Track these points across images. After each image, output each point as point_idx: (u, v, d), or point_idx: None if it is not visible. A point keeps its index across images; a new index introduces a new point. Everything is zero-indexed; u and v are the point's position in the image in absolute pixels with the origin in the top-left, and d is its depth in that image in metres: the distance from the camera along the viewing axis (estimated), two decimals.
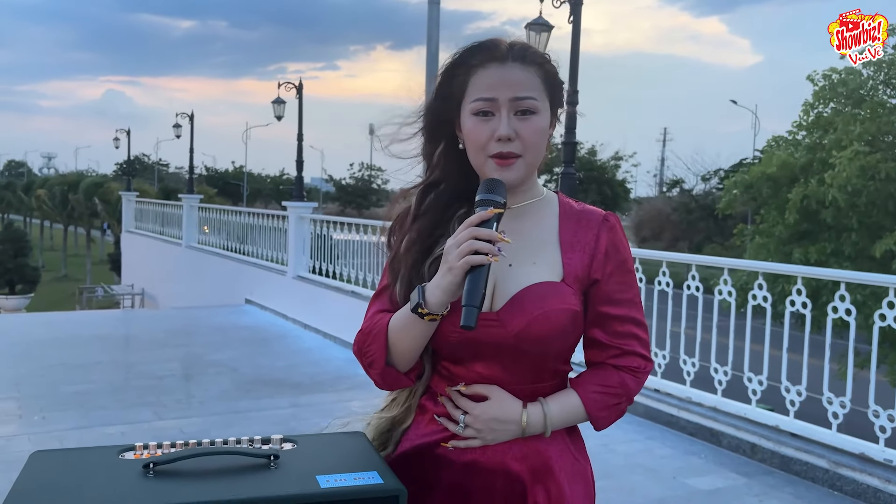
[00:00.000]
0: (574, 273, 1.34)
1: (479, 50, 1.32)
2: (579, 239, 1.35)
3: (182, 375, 7.57)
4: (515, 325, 1.28)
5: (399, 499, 1.23)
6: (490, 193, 1.27)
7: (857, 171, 12.76)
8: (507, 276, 1.32)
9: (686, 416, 5.04)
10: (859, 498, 3.99)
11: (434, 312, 1.25)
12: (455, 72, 1.34)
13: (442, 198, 1.39)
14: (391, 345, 1.32)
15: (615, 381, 1.37)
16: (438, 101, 1.37)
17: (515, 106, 1.30)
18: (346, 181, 59.89)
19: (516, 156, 1.30)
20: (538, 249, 1.35)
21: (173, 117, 21.83)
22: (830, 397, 4.37)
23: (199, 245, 14.63)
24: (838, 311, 4.38)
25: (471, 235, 1.21)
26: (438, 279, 1.24)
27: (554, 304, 1.29)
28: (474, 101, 1.31)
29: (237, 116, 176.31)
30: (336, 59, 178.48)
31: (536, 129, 1.31)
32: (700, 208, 37.84)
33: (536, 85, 1.32)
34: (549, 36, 7.76)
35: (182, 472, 1.24)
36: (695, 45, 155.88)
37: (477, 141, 1.31)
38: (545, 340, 1.29)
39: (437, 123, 1.38)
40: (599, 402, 1.36)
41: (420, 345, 1.32)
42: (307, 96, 13.19)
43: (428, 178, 1.42)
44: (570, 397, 1.36)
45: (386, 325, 1.33)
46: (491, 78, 1.31)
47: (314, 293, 9.95)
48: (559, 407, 1.35)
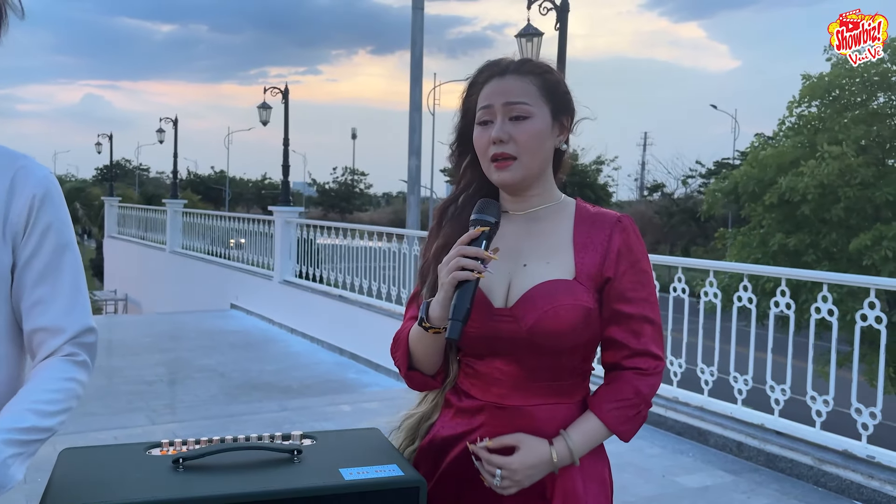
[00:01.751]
0: (586, 271, 1.40)
1: (485, 68, 1.45)
2: (592, 239, 1.42)
3: (170, 380, 7.57)
4: (528, 321, 1.35)
5: (419, 490, 1.29)
6: (481, 213, 1.36)
7: (836, 172, 12.98)
8: (521, 275, 1.40)
9: (674, 416, 5.13)
10: (843, 493, 4.09)
11: (436, 326, 1.34)
12: (470, 91, 1.47)
13: (465, 210, 1.47)
14: (412, 352, 1.43)
15: (629, 392, 1.41)
16: (460, 119, 1.50)
17: (508, 111, 1.39)
18: (329, 185, 59.80)
19: (512, 157, 1.39)
20: (552, 250, 1.42)
21: (154, 121, 21.79)
22: (814, 395, 4.48)
23: (183, 250, 14.59)
24: (821, 312, 4.49)
25: (458, 253, 1.30)
26: (437, 295, 1.34)
27: (565, 300, 1.36)
28: (478, 111, 1.43)
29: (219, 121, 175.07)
30: (318, 64, 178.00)
31: (529, 132, 1.39)
32: (681, 212, 38.21)
33: (531, 92, 1.41)
34: (539, 42, 7.86)
35: (210, 466, 1.30)
36: (675, 50, 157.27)
37: (480, 148, 1.42)
38: (557, 335, 1.35)
39: (461, 140, 1.50)
40: (619, 416, 1.40)
41: (436, 352, 1.41)
42: (289, 100, 13.18)
43: (456, 189, 1.52)
44: (589, 421, 1.40)
45: (407, 335, 1.44)
46: (489, 90, 1.42)
47: (301, 298, 9.97)
48: (581, 435, 1.38)
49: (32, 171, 1.27)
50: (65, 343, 1.25)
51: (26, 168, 1.27)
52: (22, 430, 1.13)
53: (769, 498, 4.07)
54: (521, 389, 1.39)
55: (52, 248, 1.26)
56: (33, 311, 1.25)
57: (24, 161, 1.27)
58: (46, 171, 1.29)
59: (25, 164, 1.27)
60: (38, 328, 1.25)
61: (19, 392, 1.20)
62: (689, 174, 39.73)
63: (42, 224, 1.25)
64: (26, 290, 1.25)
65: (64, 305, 1.26)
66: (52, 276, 1.26)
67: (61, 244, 1.28)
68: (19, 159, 1.27)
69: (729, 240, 16.36)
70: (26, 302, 1.25)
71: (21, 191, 1.23)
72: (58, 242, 1.27)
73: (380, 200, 69.08)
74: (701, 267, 5.57)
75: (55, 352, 1.25)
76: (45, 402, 1.18)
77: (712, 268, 5.41)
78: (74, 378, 1.25)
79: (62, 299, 1.26)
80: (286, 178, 12.39)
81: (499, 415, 1.40)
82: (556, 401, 1.40)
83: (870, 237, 12.44)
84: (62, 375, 1.23)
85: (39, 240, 1.24)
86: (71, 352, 1.26)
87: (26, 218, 1.24)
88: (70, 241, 1.30)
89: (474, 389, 1.43)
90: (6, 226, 1.22)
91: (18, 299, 1.26)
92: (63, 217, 1.29)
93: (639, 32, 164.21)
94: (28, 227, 1.24)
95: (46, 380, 1.21)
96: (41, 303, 1.25)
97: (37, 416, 1.16)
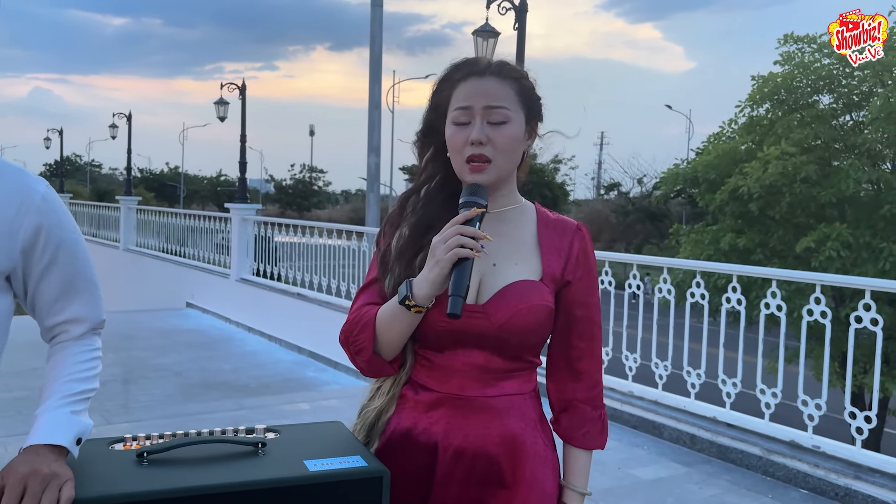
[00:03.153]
0: (551, 274, 1.48)
1: (462, 66, 1.47)
2: (556, 244, 1.50)
3: (125, 380, 7.45)
4: (500, 317, 1.41)
5: (383, 479, 1.32)
6: (473, 196, 1.40)
7: (779, 171, 13.31)
8: (491, 274, 1.45)
9: (629, 410, 5.24)
10: (790, 483, 4.23)
11: (421, 305, 1.36)
12: (442, 87, 1.48)
13: (432, 200, 1.51)
14: (378, 335, 1.43)
15: (591, 415, 1.54)
16: (429, 112, 1.51)
17: (488, 114, 1.42)
18: (286, 182, 59.24)
19: (488, 160, 1.42)
20: (519, 251, 1.49)
21: (106, 117, 21.36)
22: (763, 389, 4.62)
23: (137, 248, 14.33)
24: (770, 307, 4.63)
25: (457, 232, 1.33)
26: (426, 273, 1.35)
27: (535, 299, 1.43)
28: (454, 110, 1.45)
29: (173, 117, 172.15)
30: (274, 60, 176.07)
31: (507, 137, 1.43)
32: (637, 210, 38.83)
33: (510, 97, 1.44)
34: (496, 42, 7.93)
35: (175, 460, 1.30)
36: (631, 51, 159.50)
37: (455, 147, 1.44)
38: (525, 332, 1.42)
39: (428, 132, 1.52)
40: (595, 437, 1.55)
41: (405, 335, 1.43)
42: (246, 96, 13.05)
43: (419, 180, 1.54)
44: (578, 457, 1.55)
45: (374, 316, 1.44)
46: (468, 89, 1.44)
47: (258, 296, 9.88)
48: (578, 475, 1.55)
49: (34, 189, 1.34)
50: (86, 331, 1.43)
51: (27, 185, 1.34)
52: (73, 394, 1.34)
53: (720, 488, 4.19)
54: (480, 381, 1.44)
55: (64, 255, 1.37)
56: (55, 308, 1.39)
57: (24, 177, 1.35)
58: (44, 185, 1.37)
59: (26, 180, 1.34)
60: (62, 321, 1.40)
61: (56, 370, 1.37)
62: (644, 174, 40.39)
63: (53, 240, 1.35)
64: (47, 298, 1.38)
65: (86, 300, 1.41)
66: (70, 282, 1.39)
67: (70, 248, 1.38)
68: (20, 175, 1.35)
69: (683, 237, 16.67)
70: (48, 304, 1.39)
71: (26, 211, 1.31)
72: (65, 247, 1.37)
73: (338, 198, 68.70)
74: (655, 264, 5.69)
75: (78, 337, 1.42)
76: (82, 371, 1.38)
77: (666, 265, 5.54)
78: (98, 355, 1.44)
79: (84, 295, 1.41)
80: (243, 175, 12.27)
81: (458, 405, 1.44)
82: (512, 392, 1.46)
83: (814, 238, 12.77)
84: (90, 351, 1.42)
85: (53, 254, 1.35)
86: (91, 338, 1.44)
87: (33, 237, 1.33)
88: (75, 240, 1.39)
89: (432, 381, 1.46)
90: (13, 240, 1.31)
91: (37, 302, 1.38)
92: (65, 222, 1.38)
93: (596, 33, 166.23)
94: (38, 244, 1.33)
95: (77, 354, 1.39)
96: (63, 300, 1.39)
97: (80, 383, 1.36)
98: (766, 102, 15.21)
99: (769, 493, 4.11)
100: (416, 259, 1.44)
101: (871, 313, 4.08)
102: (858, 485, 3.95)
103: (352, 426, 1.57)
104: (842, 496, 4.00)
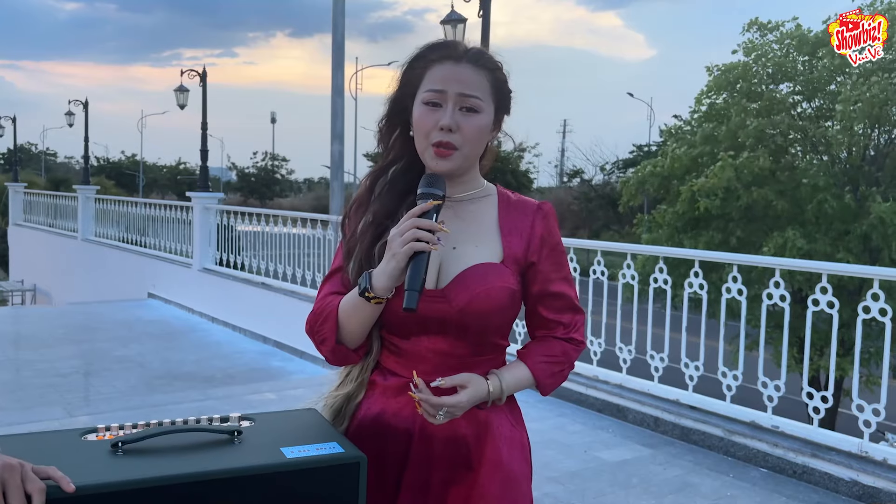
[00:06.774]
0: (513, 255, 1.48)
1: (438, 47, 1.46)
2: (517, 225, 1.50)
3: (86, 372, 7.32)
4: (459, 301, 1.41)
5: (360, 465, 1.33)
6: (430, 187, 1.40)
7: (733, 174, 13.57)
8: (451, 258, 1.45)
9: (594, 394, 5.32)
10: (750, 462, 4.35)
11: (380, 296, 1.37)
12: (414, 65, 1.47)
13: (396, 184, 1.50)
14: (341, 325, 1.44)
15: (558, 350, 1.53)
16: (398, 90, 1.49)
17: (461, 102, 1.42)
18: (249, 170, 58.48)
19: (454, 147, 1.42)
20: (480, 234, 1.49)
21: (60, 104, 20.85)
22: (725, 371, 4.73)
23: (96, 238, 14.05)
24: (731, 292, 4.74)
25: (413, 225, 1.33)
26: (383, 265, 1.36)
27: (495, 282, 1.43)
28: (426, 91, 1.43)
29: (130, 104, 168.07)
30: (234, 46, 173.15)
31: (477, 127, 1.44)
32: (599, 198, 39.19)
33: (484, 87, 1.45)
34: (464, 28, 7.92)
35: (150, 449, 1.30)
36: (593, 39, 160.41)
37: (423, 128, 1.43)
38: (486, 315, 1.43)
39: (395, 110, 1.50)
40: (546, 370, 1.52)
41: (368, 325, 1.44)
42: (207, 83, 12.84)
43: (383, 161, 1.53)
44: (519, 368, 1.52)
45: (336, 307, 1.44)
46: (443, 73, 1.43)
47: (222, 286, 9.77)
48: (512, 378, 1.50)
49: None
50: None
51: None
52: None
53: (683, 469, 4.29)
54: (447, 365, 1.45)
55: None
56: None
57: None
58: None
59: None
60: None
61: None
62: (606, 161, 40.78)
63: None
64: None
65: None
66: None
67: None
68: None
69: (645, 227, 16.92)
70: None
71: None
72: None
73: (301, 186, 68.01)
74: (619, 250, 5.77)
75: None
76: None
77: (630, 251, 5.62)
78: None
79: None
80: (205, 163, 12.08)
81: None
82: (478, 374, 1.47)
83: (773, 246, 12.95)
84: None
85: None
86: None
87: None
88: None
89: (399, 367, 1.47)
90: None
91: None
92: None
93: (558, 20, 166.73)
94: None
95: None
96: None
97: None
98: (724, 92, 15.46)
99: (730, 473, 4.22)
100: (374, 248, 1.45)
101: (828, 296, 4.19)
102: (816, 462, 4.07)
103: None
104: (800, 474, 4.12)
